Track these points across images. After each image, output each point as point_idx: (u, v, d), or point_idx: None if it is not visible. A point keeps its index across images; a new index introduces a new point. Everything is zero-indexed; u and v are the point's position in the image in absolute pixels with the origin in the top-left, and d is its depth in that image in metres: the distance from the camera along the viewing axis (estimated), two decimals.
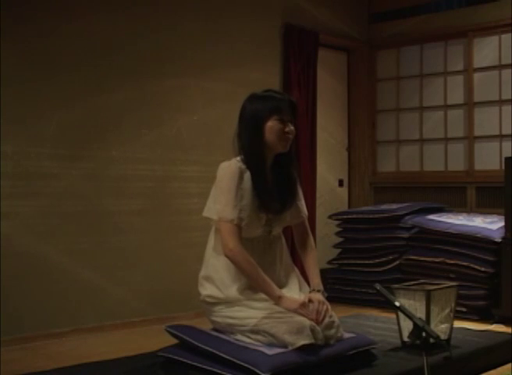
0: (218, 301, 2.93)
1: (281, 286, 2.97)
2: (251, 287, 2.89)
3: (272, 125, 2.91)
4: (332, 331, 2.87)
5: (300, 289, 3.03)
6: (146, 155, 4.81)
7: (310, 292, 2.97)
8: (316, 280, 3.01)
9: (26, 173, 4.23)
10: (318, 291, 2.97)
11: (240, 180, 2.86)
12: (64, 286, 4.36)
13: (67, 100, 4.40)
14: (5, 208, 4.09)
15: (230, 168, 2.88)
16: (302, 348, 2.73)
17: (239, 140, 2.96)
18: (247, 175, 2.89)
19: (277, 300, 2.84)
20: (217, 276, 2.93)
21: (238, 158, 2.94)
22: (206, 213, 2.96)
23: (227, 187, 2.85)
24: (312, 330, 2.75)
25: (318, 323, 2.81)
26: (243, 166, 2.89)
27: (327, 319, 2.86)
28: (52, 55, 4.34)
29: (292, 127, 2.95)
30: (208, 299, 2.95)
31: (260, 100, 2.96)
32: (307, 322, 2.76)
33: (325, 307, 2.87)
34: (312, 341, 2.74)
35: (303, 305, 2.83)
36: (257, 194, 2.87)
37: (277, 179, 2.98)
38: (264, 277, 2.85)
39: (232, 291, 2.90)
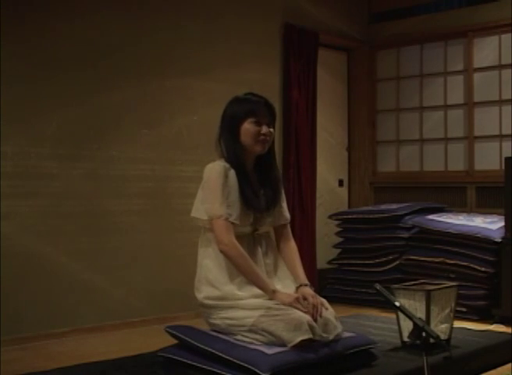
0: (216, 303, 2.93)
1: (276, 276, 3.01)
2: (247, 283, 2.91)
3: (247, 127, 2.97)
4: (331, 326, 2.88)
5: (294, 285, 3.05)
6: (146, 155, 4.81)
7: (298, 287, 2.98)
8: (302, 275, 3.05)
9: (26, 173, 4.23)
10: (306, 285, 2.99)
11: (226, 178, 2.92)
12: (64, 286, 4.36)
13: (67, 100, 4.40)
14: (5, 208, 4.09)
15: (215, 168, 2.95)
16: (301, 346, 2.73)
17: (220, 142, 3.03)
18: (232, 173, 2.94)
19: (271, 294, 2.87)
20: (211, 276, 2.95)
21: (222, 159, 3.00)
22: (194, 213, 3.02)
23: (213, 186, 2.91)
24: (310, 326, 2.76)
25: (315, 316, 2.81)
26: (228, 165, 2.95)
27: (324, 312, 2.87)
28: (52, 55, 4.34)
29: (270, 129, 3.00)
30: (206, 301, 2.96)
31: (238, 103, 3.05)
32: (304, 318, 2.77)
33: (319, 300, 2.88)
34: (310, 336, 2.74)
35: (297, 299, 2.85)
36: (242, 193, 2.92)
37: (261, 179, 3.05)
38: (259, 272, 2.89)
39: (229, 287, 2.91)
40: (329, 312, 2.92)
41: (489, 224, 5.01)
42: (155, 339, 3.53)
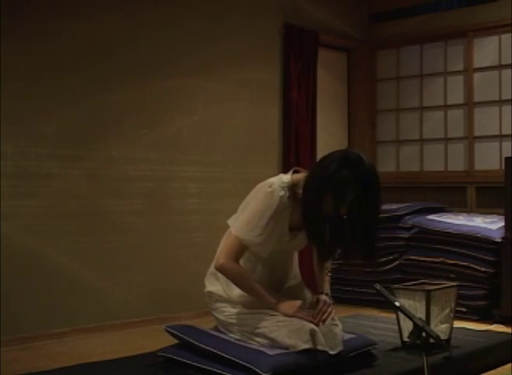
0: (221, 300, 2.96)
1: (290, 290, 3.03)
2: None
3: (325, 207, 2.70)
4: (336, 342, 2.86)
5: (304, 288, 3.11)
6: (146, 155, 4.81)
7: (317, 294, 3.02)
8: (324, 285, 3.08)
9: (26, 173, 4.22)
10: (326, 294, 3.01)
11: (277, 213, 2.76)
12: (64, 286, 4.36)
13: (67, 100, 4.40)
14: (5, 208, 4.09)
15: (273, 198, 2.76)
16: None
17: (307, 178, 2.77)
18: (287, 203, 2.77)
19: (274, 306, 2.85)
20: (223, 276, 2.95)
21: (288, 176, 2.82)
22: (230, 222, 2.91)
23: (260, 213, 2.76)
24: (312, 335, 2.75)
25: (319, 322, 2.81)
26: (288, 194, 2.77)
27: (329, 321, 2.87)
28: (52, 55, 4.33)
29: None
30: (212, 295, 2.99)
31: (347, 172, 2.71)
32: (307, 326, 2.77)
33: (327, 309, 2.88)
34: (311, 346, 2.74)
35: (300, 307, 2.84)
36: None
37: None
38: (258, 288, 2.85)
39: (236, 293, 2.92)
40: (338, 326, 2.93)
41: (489, 224, 5.01)
42: (155, 339, 3.52)
